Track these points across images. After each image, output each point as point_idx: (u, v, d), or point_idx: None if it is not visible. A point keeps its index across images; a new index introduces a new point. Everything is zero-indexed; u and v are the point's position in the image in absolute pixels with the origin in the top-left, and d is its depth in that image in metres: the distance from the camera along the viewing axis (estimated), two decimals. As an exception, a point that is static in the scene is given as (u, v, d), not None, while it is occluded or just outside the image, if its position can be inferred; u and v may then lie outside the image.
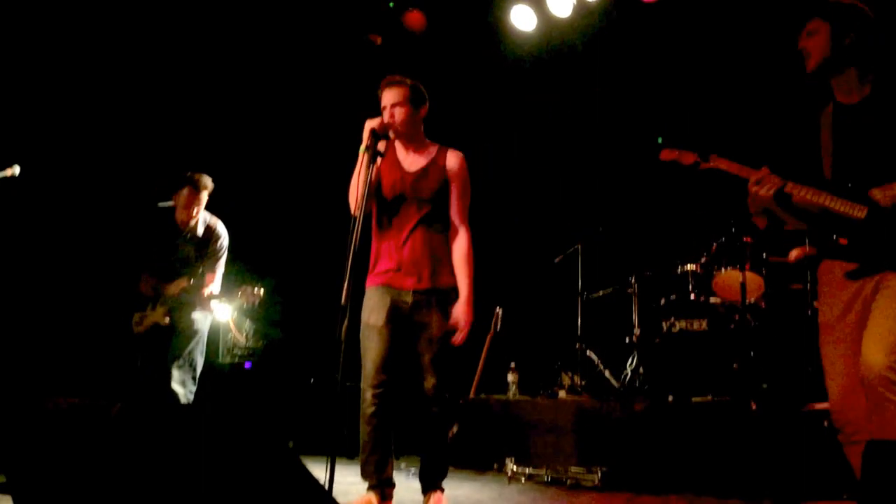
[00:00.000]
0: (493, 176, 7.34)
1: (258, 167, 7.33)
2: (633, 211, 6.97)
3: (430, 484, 3.73)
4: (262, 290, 4.71)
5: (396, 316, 3.66)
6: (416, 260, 3.66)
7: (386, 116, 3.67)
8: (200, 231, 4.93)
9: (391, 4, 7.29)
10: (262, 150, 7.45)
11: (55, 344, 6.09)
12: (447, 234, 3.76)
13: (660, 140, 6.85)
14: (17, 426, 2.54)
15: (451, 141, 3.90)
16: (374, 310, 3.68)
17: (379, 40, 7.40)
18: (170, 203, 4.95)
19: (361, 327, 3.69)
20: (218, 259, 4.96)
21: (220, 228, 5.01)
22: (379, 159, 3.54)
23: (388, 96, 3.70)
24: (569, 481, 4.76)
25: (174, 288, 4.79)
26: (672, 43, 6.78)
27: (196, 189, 4.81)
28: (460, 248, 3.75)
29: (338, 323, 3.20)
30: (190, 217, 4.86)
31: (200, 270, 4.91)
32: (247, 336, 6.88)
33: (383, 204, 3.76)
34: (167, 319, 4.78)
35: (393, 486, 3.71)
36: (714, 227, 5.96)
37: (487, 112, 7.61)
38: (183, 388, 4.78)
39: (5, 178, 4.45)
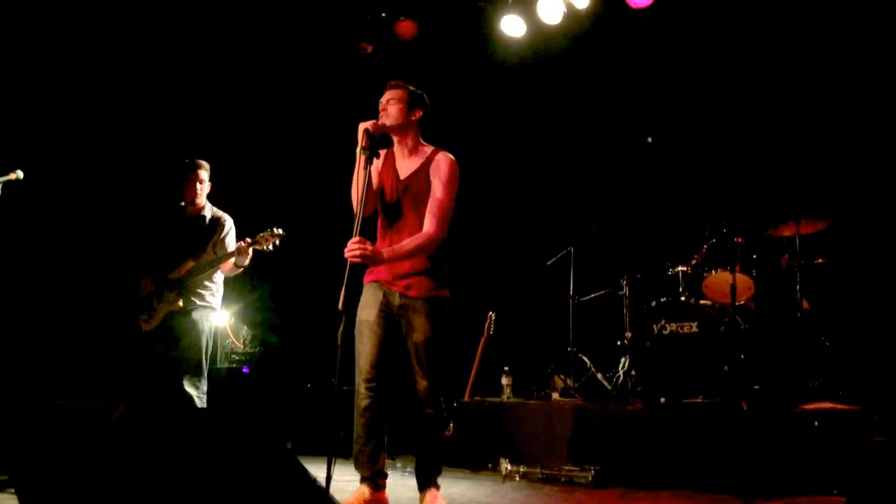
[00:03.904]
0: (484, 181, 7.43)
1: (255, 172, 7.39)
2: (623, 214, 7.05)
3: (426, 482, 3.80)
4: (280, 231, 4.71)
5: (387, 314, 3.74)
6: (408, 268, 3.72)
7: (381, 113, 3.78)
8: (208, 219, 5.06)
9: (383, 14, 7.36)
10: (259, 155, 7.51)
11: (60, 345, 6.14)
12: (441, 243, 3.81)
13: (649, 140, 6.96)
14: (22, 427, 2.60)
15: (444, 145, 3.94)
16: (366, 306, 3.77)
17: (370, 49, 7.49)
18: (182, 202, 5.08)
19: (356, 323, 3.76)
20: (228, 242, 5.05)
21: (226, 217, 5.14)
22: (375, 160, 3.64)
23: (386, 95, 3.81)
24: (562, 479, 4.83)
25: (182, 269, 4.89)
26: (661, 47, 6.86)
27: (195, 169, 5.00)
28: (416, 235, 3.67)
29: (336, 327, 3.30)
30: (196, 196, 5.02)
31: (207, 255, 5.00)
32: (244, 341, 6.94)
33: (383, 209, 3.84)
34: (181, 302, 4.85)
35: (385, 476, 3.77)
36: (704, 229, 6.04)
37: (478, 119, 7.69)
38: (196, 389, 4.84)
39: (9, 182, 4.53)
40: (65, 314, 6.26)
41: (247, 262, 4.86)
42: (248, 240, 4.75)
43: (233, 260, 4.85)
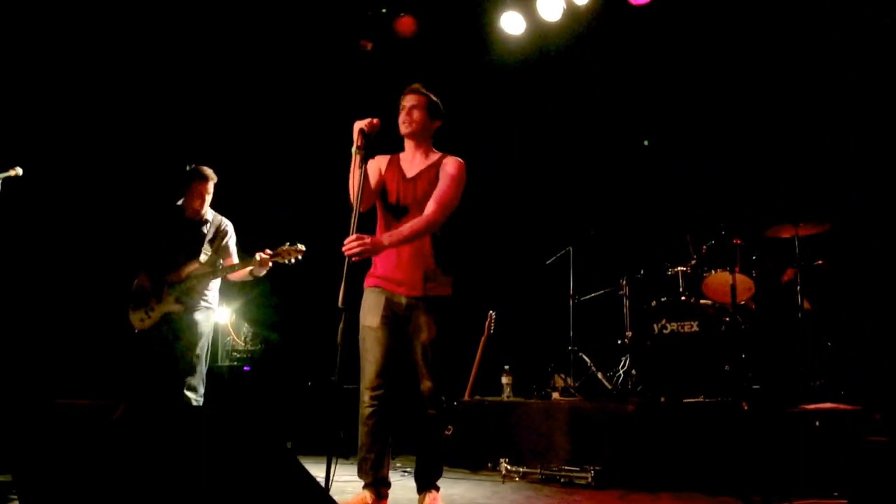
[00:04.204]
0: (483, 180, 7.41)
1: (255, 169, 7.39)
2: (624, 213, 7.04)
3: (426, 483, 3.79)
4: (302, 247, 4.72)
5: (391, 317, 3.73)
6: (413, 268, 3.73)
7: (402, 116, 3.81)
8: (209, 225, 5.06)
9: (383, 10, 7.36)
10: (259, 152, 7.51)
11: (61, 345, 6.14)
12: (445, 243, 3.81)
13: (646, 143, 6.96)
14: (24, 427, 2.60)
15: (442, 145, 3.96)
16: (369, 311, 3.76)
17: (370, 46, 7.48)
18: (181, 201, 5.07)
19: (360, 329, 3.76)
20: (229, 246, 5.08)
21: (227, 223, 5.15)
22: (371, 161, 3.65)
23: (409, 100, 3.83)
24: (562, 479, 4.82)
25: (184, 271, 4.87)
26: (661, 45, 6.85)
27: (203, 180, 4.97)
28: (416, 219, 3.67)
29: (336, 325, 3.30)
30: (202, 207, 5.01)
31: (211, 259, 5.01)
32: (245, 339, 6.94)
33: (386, 209, 3.84)
34: (178, 306, 4.85)
35: (388, 485, 3.76)
36: (704, 230, 6.03)
37: (478, 116, 7.68)
38: (195, 393, 4.85)
39: (8, 178, 4.53)
40: (65, 313, 6.26)
41: (264, 272, 4.87)
42: (269, 252, 4.75)
43: (248, 269, 4.85)
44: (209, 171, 5.00)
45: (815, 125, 6.30)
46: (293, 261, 4.74)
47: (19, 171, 4.57)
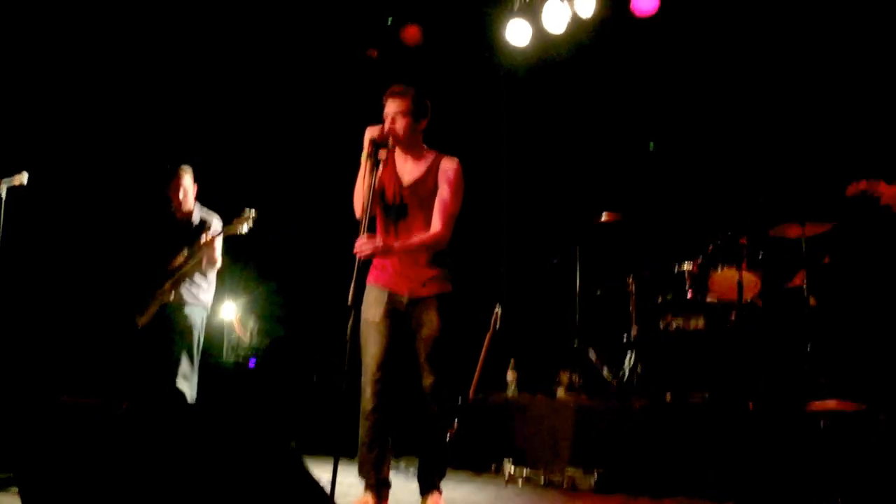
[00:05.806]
0: (491, 180, 7.43)
1: (263, 171, 7.42)
2: (630, 211, 7.02)
3: (429, 485, 3.79)
4: (253, 212, 4.87)
5: (393, 313, 3.76)
6: (413, 267, 3.75)
7: (387, 124, 3.75)
8: (196, 221, 5.17)
9: (389, 21, 7.36)
10: (267, 155, 7.54)
11: (63, 343, 6.17)
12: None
13: (651, 146, 6.94)
14: (25, 424, 2.60)
15: (449, 150, 3.95)
16: (371, 306, 3.78)
17: (376, 54, 7.49)
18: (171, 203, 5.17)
19: (361, 323, 3.77)
20: (215, 240, 5.10)
21: (214, 217, 5.22)
22: (380, 166, 3.65)
23: (391, 105, 3.78)
24: (565, 483, 4.81)
25: (173, 264, 4.98)
26: (667, 51, 6.85)
27: (176, 174, 5.11)
28: (425, 234, 3.73)
29: (344, 322, 3.32)
30: (180, 202, 5.13)
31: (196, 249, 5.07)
32: (251, 334, 6.95)
33: (386, 211, 3.84)
34: (171, 296, 4.97)
35: (389, 486, 3.77)
36: (711, 227, 6.01)
37: (486, 119, 7.70)
38: (187, 382, 4.95)
39: (14, 185, 4.59)
40: (68, 311, 6.29)
41: (216, 255, 4.98)
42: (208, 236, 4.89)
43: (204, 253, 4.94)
44: (183, 166, 5.14)
45: (818, 124, 6.27)
46: (246, 229, 4.88)
47: (24, 177, 4.64)
